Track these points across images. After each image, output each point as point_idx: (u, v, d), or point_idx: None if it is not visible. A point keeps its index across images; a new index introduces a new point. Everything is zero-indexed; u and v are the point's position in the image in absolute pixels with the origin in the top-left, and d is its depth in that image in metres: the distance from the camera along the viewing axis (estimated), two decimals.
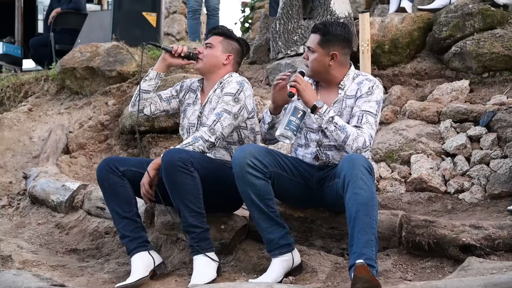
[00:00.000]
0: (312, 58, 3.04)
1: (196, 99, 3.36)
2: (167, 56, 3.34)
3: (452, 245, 2.89)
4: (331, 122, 2.86)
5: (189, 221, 2.99)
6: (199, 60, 3.32)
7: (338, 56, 3.03)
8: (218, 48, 3.32)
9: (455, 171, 3.87)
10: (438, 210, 3.62)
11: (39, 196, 4.37)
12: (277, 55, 5.30)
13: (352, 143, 2.86)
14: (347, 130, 2.86)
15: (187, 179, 2.94)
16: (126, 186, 3.16)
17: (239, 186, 2.90)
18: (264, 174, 2.89)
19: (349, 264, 2.64)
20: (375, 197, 2.71)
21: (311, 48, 3.05)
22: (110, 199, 3.18)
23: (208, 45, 3.33)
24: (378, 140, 4.18)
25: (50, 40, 7.41)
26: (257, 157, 2.87)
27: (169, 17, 10.58)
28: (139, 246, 3.12)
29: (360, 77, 3.09)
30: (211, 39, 3.36)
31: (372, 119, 2.94)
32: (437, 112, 4.26)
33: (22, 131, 5.59)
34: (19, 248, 3.64)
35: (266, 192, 2.91)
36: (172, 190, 2.98)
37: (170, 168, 2.94)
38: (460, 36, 4.89)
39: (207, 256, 2.99)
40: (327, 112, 2.87)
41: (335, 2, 5.21)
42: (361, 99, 3.00)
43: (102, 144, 5.37)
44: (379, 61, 5.14)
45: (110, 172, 3.14)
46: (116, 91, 5.81)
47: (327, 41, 3.01)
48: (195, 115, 3.32)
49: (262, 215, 2.93)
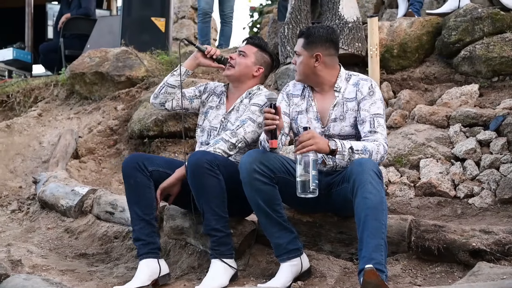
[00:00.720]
0: (299, 61, 3.09)
1: (220, 104, 3.39)
2: (199, 55, 3.37)
3: (462, 250, 2.88)
4: (352, 153, 2.84)
5: (211, 224, 3.00)
6: (230, 66, 3.33)
7: (322, 56, 3.05)
8: (251, 58, 3.35)
9: (464, 175, 3.85)
10: (448, 214, 3.61)
11: (49, 200, 4.39)
12: (286, 59, 5.30)
13: (376, 156, 2.87)
14: (368, 148, 2.86)
15: (214, 182, 2.96)
16: (151, 188, 3.14)
17: (246, 192, 2.91)
18: (271, 179, 2.89)
19: (358, 268, 2.63)
20: (384, 202, 2.70)
21: (297, 52, 3.10)
22: (132, 198, 3.16)
23: (242, 54, 3.35)
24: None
25: (59, 46, 7.46)
26: (264, 162, 2.87)
27: (177, 22, 10.63)
28: (150, 252, 3.12)
29: (353, 78, 3.11)
30: (246, 48, 3.38)
31: (382, 120, 2.99)
32: (446, 116, 4.25)
33: (32, 136, 5.62)
34: (29, 253, 3.66)
35: (273, 197, 2.91)
36: (197, 192, 2.99)
37: (197, 170, 2.95)
38: (470, 40, 4.87)
39: (223, 262, 3.00)
40: (344, 147, 2.83)
41: (343, 6, 5.21)
42: (365, 102, 3.01)
43: (111, 149, 5.39)
44: (387, 65, 5.13)
45: (138, 170, 3.12)
46: (125, 96, 5.83)
47: (310, 43, 3.06)
48: (218, 119, 3.35)
49: (269, 220, 2.93)
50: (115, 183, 4.91)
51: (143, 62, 6.02)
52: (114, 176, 5.02)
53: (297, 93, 3.18)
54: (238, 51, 3.39)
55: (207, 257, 3.26)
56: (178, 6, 10.74)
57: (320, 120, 3.09)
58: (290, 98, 3.19)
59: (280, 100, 3.19)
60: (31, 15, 8.47)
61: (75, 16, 7.58)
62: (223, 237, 3.01)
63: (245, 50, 3.37)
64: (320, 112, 3.10)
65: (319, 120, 3.09)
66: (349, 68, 3.38)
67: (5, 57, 7.95)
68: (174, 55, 6.46)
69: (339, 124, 3.05)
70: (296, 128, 3.16)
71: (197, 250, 3.40)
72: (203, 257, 3.35)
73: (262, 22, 9.88)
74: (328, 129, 3.06)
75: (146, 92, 5.67)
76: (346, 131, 3.05)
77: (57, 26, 7.67)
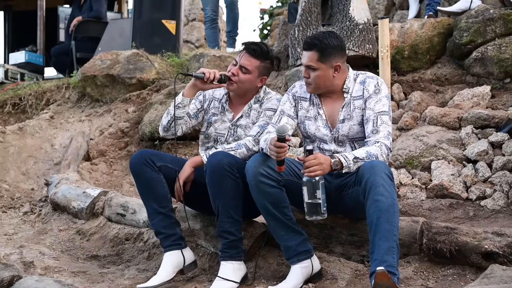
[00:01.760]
0: (315, 75, 3.00)
1: (224, 110, 3.34)
2: (198, 83, 3.21)
3: (474, 253, 2.86)
4: (357, 162, 2.82)
5: (225, 226, 3.00)
6: (232, 82, 3.23)
7: (341, 66, 3.03)
8: (254, 74, 3.23)
9: (476, 177, 3.83)
10: (460, 217, 3.59)
11: (61, 202, 4.41)
12: (296, 61, 5.30)
13: (381, 157, 2.86)
14: (372, 153, 2.85)
15: (233, 185, 2.96)
16: (162, 181, 3.14)
17: (254, 195, 2.90)
18: (278, 182, 2.88)
19: (370, 271, 2.62)
20: (396, 204, 2.69)
21: (311, 66, 3.00)
22: (146, 194, 3.16)
23: (244, 70, 3.21)
24: (398, 147, 4.15)
25: (71, 48, 7.51)
26: (270, 165, 2.86)
27: (188, 24, 10.66)
28: (173, 244, 3.14)
29: (360, 76, 3.09)
30: (248, 62, 3.22)
31: (386, 117, 2.96)
32: (458, 118, 4.23)
33: (44, 139, 5.65)
34: (41, 254, 3.68)
35: (281, 200, 2.90)
36: (214, 193, 2.99)
37: (217, 171, 2.95)
38: (481, 41, 4.84)
39: (233, 264, 3.00)
40: (347, 159, 2.80)
41: (354, 8, 5.20)
42: (371, 100, 3.00)
43: (122, 151, 5.41)
44: (398, 67, 5.11)
45: (146, 166, 3.12)
46: (136, 98, 5.86)
47: (327, 55, 2.98)
48: (225, 126, 3.32)
49: (278, 223, 2.93)
50: (126, 185, 4.93)
51: (153, 64, 6.05)
52: (125, 178, 5.04)
53: (305, 96, 3.15)
54: (240, 64, 3.23)
55: (217, 259, 3.27)
56: (188, 8, 10.76)
57: (329, 125, 3.08)
58: (297, 100, 3.16)
59: (285, 100, 3.17)
60: (43, 18, 8.53)
61: (86, 19, 7.63)
62: (234, 241, 3.02)
63: (247, 65, 3.21)
64: (330, 117, 3.08)
65: (328, 127, 3.08)
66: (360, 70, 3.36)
67: (18, 60, 8.02)
68: (184, 58, 6.48)
69: (347, 124, 3.03)
70: (304, 131, 3.15)
71: (208, 252, 3.41)
72: (214, 259, 3.35)
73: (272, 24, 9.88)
74: (337, 131, 3.05)
75: (157, 95, 5.69)
76: (354, 130, 3.03)
77: (69, 29, 7.72)
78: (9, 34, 9.54)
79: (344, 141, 3.05)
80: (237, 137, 3.28)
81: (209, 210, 3.12)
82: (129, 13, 9.27)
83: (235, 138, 3.28)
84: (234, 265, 3.00)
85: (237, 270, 3.01)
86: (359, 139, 3.03)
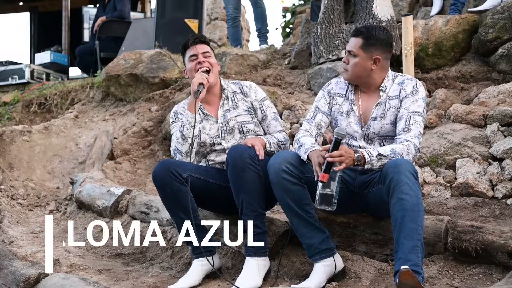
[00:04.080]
0: (354, 62, 3.01)
1: (206, 116, 3.34)
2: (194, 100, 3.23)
3: (501, 252, 2.82)
4: (380, 159, 2.81)
5: (250, 220, 3.00)
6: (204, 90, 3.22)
7: (381, 60, 3.00)
8: (216, 75, 3.35)
9: (502, 175, 3.77)
10: (485, 215, 3.54)
11: (85, 201, 4.46)
12: (319, 59, 5.28)
13: (407, 156, 2.84)
14: (397, 151, 2.83)
15: (255, 177, 2.97)
16: (188, 192, 3.10)
17: (276, 192, 2.91)
18: (300, 179, 2.88)
19: (394, 270, 2.60)
20: (421, 203, 2.67)
21: (352, 52, 3.02)
22: (172, 205, 3.14)
23: (208, 70, 3.29)
24: (422, 145, 4.11)
25: (95, 48, 7.58)
26: (293, 162, 2.86)
27: (210, 23, 10.69)
28: (201, 252, 3.14)
29: (399, 78, 3.07)
30: (206, 56, 3.32)
31: (419, 118, 2.94)
32: (483, 115, 4.17)
33: (69, 138, 5.72)
34: (67, 252, 3.73)
35: (302, 197, 2.90)
36: (237, 187, 3.00)
37: (239, 164, 2.96)
38: (507, 38, 4.77)
39: (258, 260, 3.01)
40: (371, 154, 2.80)
41: (377, 5, 5.17)
42: (407, 100, 2.98)
43: (146, 150, 5.45)
44: (422, 64, 5.06)
45: (173, 178, 3.07)
46: (159, 97, 5.89)
47: (370, 45, 2.98)
48: (215, 128, 3.32)
49: (300, 221, 2.92)
50: (149, 183, 4.96)
51: (176, 63, 6.07)
52: (148, 176, 5.07)
53: (340, 92, 3.14)
54: (201, 71, 3.26)
55: (240, 257, 3.27)
56: (211, 7, 10.79)
57: (362, 122, 3.06)
58: (333, 97, 3.15)
59: (320, 97, 3.17)
60: (67, 19, 8.64)
61: (110, 19, 7.69)
62: (260, 234, 3.01)
63: (208, 65, 3.29)
64: (363, 113, 3.06)
65: (360, 123, 3.06)
66: None
67: (43, 60, 8.13)
68: None
69: (379, 122, 3.02)
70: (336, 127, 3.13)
71: (231, 250, 3.41)
72: (237, 257, 3.36)
73: (294, 22, 9.85)
74: (368, 128, 3.04)
75: (180, 93, 5.72)
76: (386, 129, 3.01)
77: (93, 29, 7.80)
78: (34, 35, 9.66)
79: (374, 139, 3.03)
80: (231, 129, 3.30)
81: (223, 210, 3.18)
82: (152, 12, 9.32)
83: (229, 131, 3.30)
84: (259, 262, 3.01)
85: (261, 267, 3.01)
86: (389, 137, 3.02)
